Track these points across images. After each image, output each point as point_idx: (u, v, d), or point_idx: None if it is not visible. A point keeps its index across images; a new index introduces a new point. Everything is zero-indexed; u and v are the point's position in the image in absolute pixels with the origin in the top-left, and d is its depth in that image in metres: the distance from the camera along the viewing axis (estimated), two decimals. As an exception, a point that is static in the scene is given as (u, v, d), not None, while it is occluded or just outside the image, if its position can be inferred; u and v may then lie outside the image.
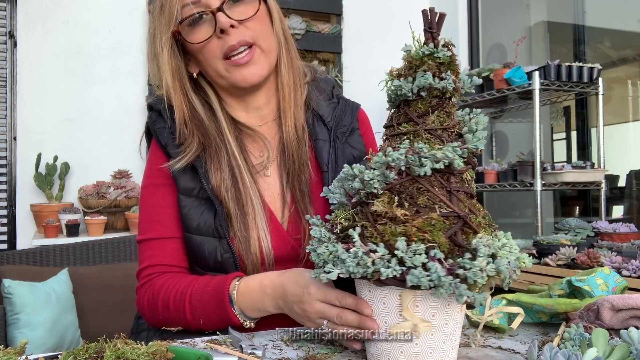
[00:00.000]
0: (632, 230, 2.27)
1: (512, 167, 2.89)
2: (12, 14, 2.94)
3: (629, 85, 3.72)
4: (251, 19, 0.95)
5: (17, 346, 0.61)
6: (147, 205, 1.04)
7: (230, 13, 0.94)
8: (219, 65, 0.96)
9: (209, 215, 0.97)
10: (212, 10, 0.93)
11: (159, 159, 1.04)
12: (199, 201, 0.99)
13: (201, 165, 0.98)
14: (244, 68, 0.96)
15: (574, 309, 0.85)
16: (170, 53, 0.97)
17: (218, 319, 0.91)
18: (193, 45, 0.96)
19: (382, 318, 0.68)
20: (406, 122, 0.72)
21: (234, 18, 0.94)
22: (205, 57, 0.97)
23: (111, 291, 2.22)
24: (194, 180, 0.99)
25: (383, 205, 0.66)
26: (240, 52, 0.95)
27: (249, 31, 0.95)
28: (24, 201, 2.92)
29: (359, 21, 3.67)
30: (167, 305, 0.95)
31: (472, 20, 3.67)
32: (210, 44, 0.95)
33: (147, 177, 1.06)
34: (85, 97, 3.07)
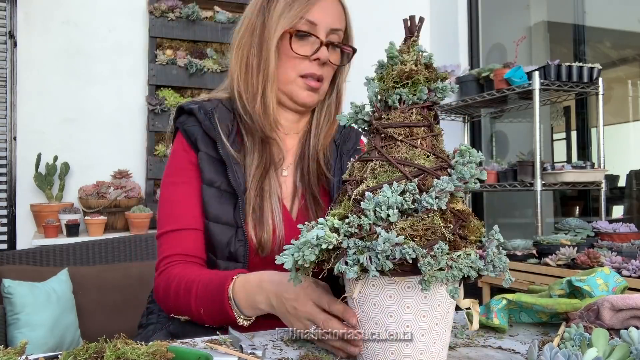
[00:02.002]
0: (632, 230, 2.27)
1: (512, 167, 2.89)
2: (12, 14, 2.94)
3: (629, 85, 3.72)
4: (335, 66, 1.15)
5: (17, 346, 0.61)
6: (168, 201, 1.11)
7: (330, 52, 1.12)
8: (293, 76, 1.11)
9: (229, 207, 1.07)
10: (322, 40, 1.10)
11: (185, 154, 1.12)
12: (221, 193, 1.08)
13: (230, 161, 1.08)
14: (308, 90, 1.12)
15: (574, 309, 0.85)
16: (277, 46, 1.09)
17: (216, 310, 0.96)
18: (291, 52, 1.09)
19: (373, 319, 0.68)
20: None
21: (330, 60, 1.12)
22: (288, 64, 1.11)
23: (111, 291, 2.22)
24: (219, 174, 1.08)
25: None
26: (315, 76, 1.12)
27: (327, 72, 1.14)
28: (24, 201, 2.92)
29: (359, 21, 3.66)
30: (178, 292, 1.01)
31: (472, 20, 3.67)
32: (303, 60, 1.11)
33: (169, 175, 1.14)
34: (85, 97, 3.08)
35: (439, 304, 0.66)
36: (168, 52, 3.22)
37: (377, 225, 0.64)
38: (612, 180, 3.38)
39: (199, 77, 3.25)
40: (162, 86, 3.22)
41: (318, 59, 1.10)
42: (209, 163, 1.09)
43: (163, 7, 3.20)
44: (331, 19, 1.11)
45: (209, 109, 1.13)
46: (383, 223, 0.64)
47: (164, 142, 3.22)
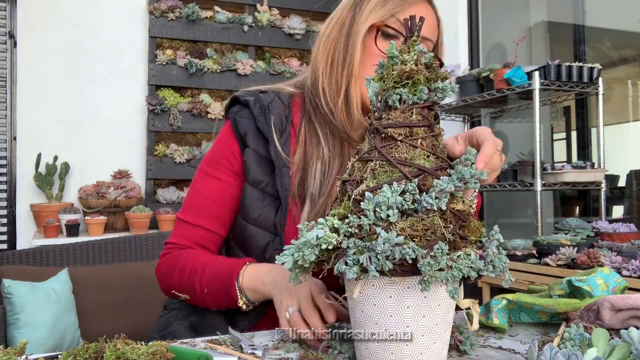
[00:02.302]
0: (632, 230, 2.27)
1: (512, 167, 2.89)
2: (12, 14, 2.94)
3: (629, 85, 3.72)
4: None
5: (17, 346, 0.61)
6: (195, 188, 1.10)
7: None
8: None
9: (271, 210, 1.03)
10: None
11: (227, 145, 1.09)
12: (264, 195, 1.04)
13: (280, 165, 1.03)
14: None
15: (574, 309, 0.85)
16: (363, 41, 1.04)
17: (221, 291, 0.98)
18: (375, 48, 1.03)
19: (373, 319, 0.68)
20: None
21: None
22: (369, 61, 1.03)
23: (111, 291, 2.22)
24: (266, 175, 1.04)
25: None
26: None
27: None
28: (24, 201, 2.92)
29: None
30: (184, 270, 1.03)
31: (472, 20, 3.67)
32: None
33: (205, 163, 1.11)
34: (85, 97, 3.08)
35: (439, 304, 0.66)
36: (168, 52, 3.22)
37: (377, 226, 0.64)
38: (612, 180, 3.38)
39: (199, 77, 3.25)
40: (162, 86, 3.23)
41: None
42: (257, 162, 1.05)
43: (163, 7, 3.20)
44: (425, 25, 1.07)
45: (266, 104, 1.07)
46: (383, 223, 0.64)
47: (164, 142, 3.22)
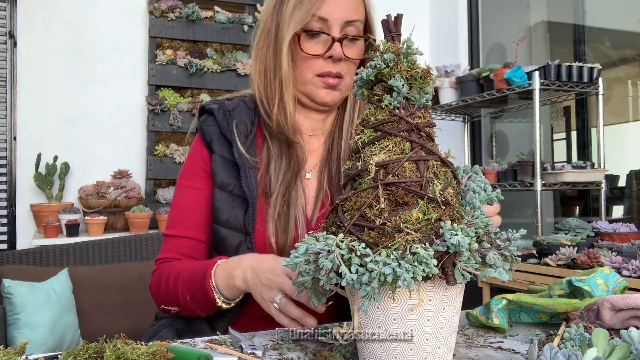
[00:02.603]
0: (632, 230, 2.27)
1: (512, 167, 2.89)
2: (12, 14, 2.94)
3: (629, 85, 3.72)
4: (356, 60, 1.09)
5: (17, 346, 0.61)
6: (178, 204, 1.13)
7: (344, 46, 1.06)
8: (309, 76, 1.07)
9: (240, 211, 1.06)
10: (333, 37, 1.04)
11: (198, 155, 1.12)
12: (232, 197, 1.07)
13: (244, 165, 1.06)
14: (327, 89, 1.08)
15: (574, 309, 0.85)
16: (289, 48, 1.06)
17: (200, 294, 0.99)
18: (302, 53, 1.05)
19: (377, 322, 0.67)
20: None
21: (345, 54, 1.06)
22: (303, 65, 1.07)
23: (111, 291, 2.22)
24: (232, 177, 1.07)
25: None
26: (332, 75, 1.07)
27: (346, 67, 1.08)
28: (24, 201, 2.92)
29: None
30: (168, 283, 1.05)
31: (472, 20, 3.67)
32: (316, 59, 1.06)
33: (181, 177, 1.15)
34: (86, 97, 3.08)
35: (443, 307, 0.66)
36: (168, 52, 3.22)
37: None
38: (612, 180, 3.38)
39: (199, 77, 3.25)
40: (162, 86, 3.23)
41: (331, 57, 1.05)
42: (223, 166, 1.08)
43: (163, 7, 3.20)
44: (345, 11, 1.05)
45: (229, 109, 1.11)
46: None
47: (164, 142, 3.22)
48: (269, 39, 1.08)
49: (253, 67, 1.12)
